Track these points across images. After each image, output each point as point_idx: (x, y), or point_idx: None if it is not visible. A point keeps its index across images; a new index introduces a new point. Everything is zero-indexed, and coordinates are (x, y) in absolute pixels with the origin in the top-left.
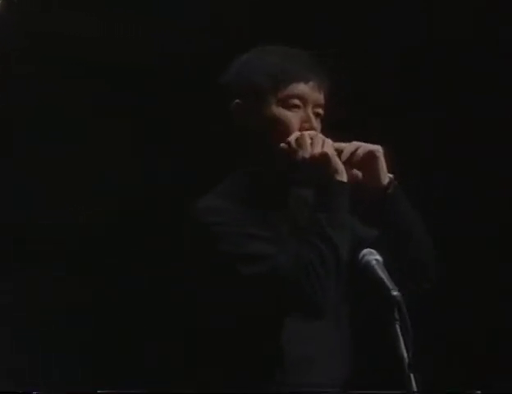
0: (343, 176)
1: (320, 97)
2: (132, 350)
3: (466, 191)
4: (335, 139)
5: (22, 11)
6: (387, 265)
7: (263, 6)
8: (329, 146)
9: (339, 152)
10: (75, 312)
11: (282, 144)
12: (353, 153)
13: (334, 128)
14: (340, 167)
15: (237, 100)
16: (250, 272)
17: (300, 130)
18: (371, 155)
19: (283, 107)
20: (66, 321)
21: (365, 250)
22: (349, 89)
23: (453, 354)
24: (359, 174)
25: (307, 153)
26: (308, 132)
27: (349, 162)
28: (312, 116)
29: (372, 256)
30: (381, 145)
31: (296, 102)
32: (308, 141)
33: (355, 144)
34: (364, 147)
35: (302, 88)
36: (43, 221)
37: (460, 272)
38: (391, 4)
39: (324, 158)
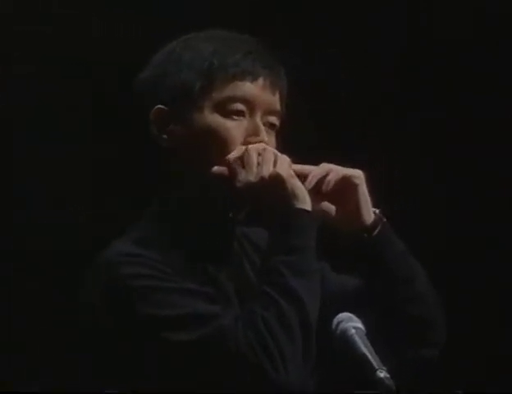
0: (307, 205)
1: (273, 100)
2: None
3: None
4: (296, 160)
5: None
6: (375, 330)
7: (264, 7)
8: (285, 165)
9: (301, 176)
10: None
11: (217, 167)
12: (321, 180)
13: (296, 144)
14: (302, 192)
15: (158, 106)
16: (183, 338)
17: (245, 144)
18: (347, 183)
19: (221, 115)
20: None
21: (342, 315)
22: (318, 90)
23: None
24: (331, 208)
25: (253, 174)
26: (256, 145)
27: (317, 192)
28: (261, 126)
29: (351, 323)
30: (363, 169)
31: (239, 107)
32: (255, 159)
33: (325, 166)
34: (338, 171)
35: (248, 88)
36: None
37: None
38: (391, 4)
39: (277, 180)
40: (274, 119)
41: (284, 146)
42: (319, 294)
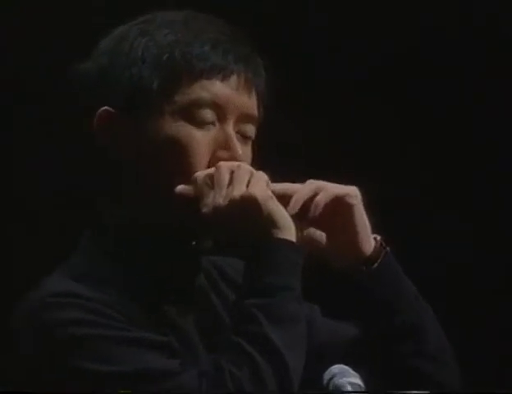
0: (289, 234)
1: (249, 104)
2: None
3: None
4: (277, 177)
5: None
6: (374, 385)
7: (265, 8)
8: (260, 184)
9: (283, 198)
10: None
11: (181, 186)
12: (308, 202)
13: (276, 157)
14: (283, 217)
15: (105, 107)
16: None
17: (214, 159)
18: (341, 204)
19: (185, 122)
20: None
21: (335, 368)
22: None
23: None
24: (321, 236)
25: (222, 197)
26: (229, 163)
27: (303, 217)
28: (234, 136)
29: (346, 378)
30: (359, 186)
31: (207, 113)
32: (227, 178)
33: (312, 184)
34: (328, 190)
35: (218, 88)
36: None
37: None
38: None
39: (251, 202)
40: (250, 127)
41: (261, 159)
42: (304, 345)
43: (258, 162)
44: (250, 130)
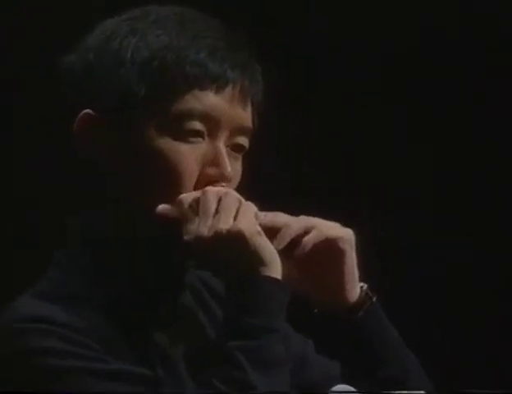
0: (275, 271)
1: (244, 116)
2: None
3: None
4: (266, 206)
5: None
6: None
7: (264, 9)
8: (249, 218)
9: (270, 230)
10: None
11: (163, 206)
12: (297, 239)
13: (266, 175)
14: (270, 254)
15: (87, 110)
16: None
17: (202, 176)
18: (332, 248)
19: (172, 134)
20: None
21: (337, 387)
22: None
23: None
24: (308, 278)
25: (207, 227)
26: (217, 189)
27: (289, 254)
28: (224, 153)
29: None
30: (353, 227)
31: (197, 126)
32: (214, 206)
33: (304, 221)
34: (321, 230)
35: (211, 100)
36: None
37: None
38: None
39: (238, 237)
40: (242, 139)
41: (253, 169)
42: (288, 389)
43: (250, 172)
44: (243, 142)
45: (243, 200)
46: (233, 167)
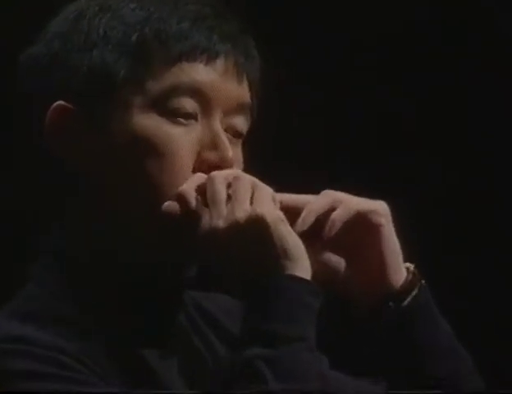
0: (304, 269)
1: (240, 92)
2: None
3: None
4: (281, 187)
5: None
6: None
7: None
8: (267, 202)
9: (290, 212)
10: None
11: (169, 203)
12: (323, 218)
13: (273, 160)
14: (298, 248)
15: (59, 102)
16: None
17: (199, 163)
18: (365, 223)
19: (159, 116)
20: None
21: None
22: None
23: None
24: (338, 262)
25: (222, 217)
26: (225, 172)
27: (315, 236)
28: (223, 133)
29: None
30: (389, 200)
31: (188, 103)
32: (223, 191)
33: (329, 195)
34: (349, 204)
35: (201, 73)
36: None
37: None
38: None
39: (260, 225)
40: (240, 121)
41: (254, 162)
42: None
43: (250, 167)
44: (241, 124)
45: (257, 182)
46: (234, 151)
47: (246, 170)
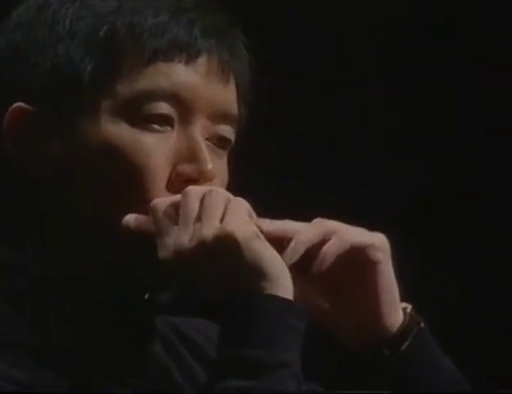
0: (284, 289)
1: (226, 96)
2: None
3: None
4: (264, 212)
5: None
6: None
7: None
8: (242, 218)
9: (277, 241)
10: None
11: (131, 217)
12: (314, 250)
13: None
14: (276, 265)
15: (18, 103)
16: None
17: (174, 175)
18: (361, 259)
19: (131, 123)
20: None
21: None
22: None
23: None
24: (330, 302)
25: (189, 235)
26: (198, 188)
27: (304, 270)
28: (202, 143)
29: None
30: (388, 232)
31: (164, 109)
32: (196, 207)
33: (322, 225)
34: (343, 236)
35: (180, 74)
36: None
37: None
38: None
39: (229, 243)
40: (226, 129)
41: (242, 181)
42: None
43: (237, 183)
44: (227, 133)
45: (232, 196)
46: (215, 164)
47: (233, 185)
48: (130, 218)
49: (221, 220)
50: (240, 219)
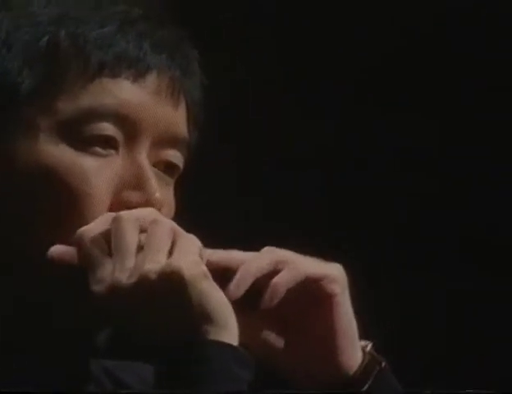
0: (230, 334)
1: (175, 118)
2: None
3: None
4: (214, 243)
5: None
6: None
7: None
8: (192, 255)
9: (221, 275)
10: None
11: (58, 248)
12: (264, 282)
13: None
14: (224, 309)
15: None
16: None
17: (116, 204)
18: (314, 291)
19: (71, 144)
20: None
21: None
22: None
23: None
24: (281, 340)
25: (126, 270)
26: (137, 212)
27: (251, 305)
28: (149, 168)
29: None
30: (344, 262)
31: (107, 130)
32: (135, 239)
33: (272, 254)
34: (295, 267)
35: (126, 92)
36: None
37: None
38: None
39: (174, 282)
40: (176, 155)
41: (191, 212)
42: None
43: (185, 212)
44: (175, 159)
45: (181, 231)
46: (162, 192)
47: (179, 216)
48: (56, 249)
49: (168, 255)
50: (189, 255)
